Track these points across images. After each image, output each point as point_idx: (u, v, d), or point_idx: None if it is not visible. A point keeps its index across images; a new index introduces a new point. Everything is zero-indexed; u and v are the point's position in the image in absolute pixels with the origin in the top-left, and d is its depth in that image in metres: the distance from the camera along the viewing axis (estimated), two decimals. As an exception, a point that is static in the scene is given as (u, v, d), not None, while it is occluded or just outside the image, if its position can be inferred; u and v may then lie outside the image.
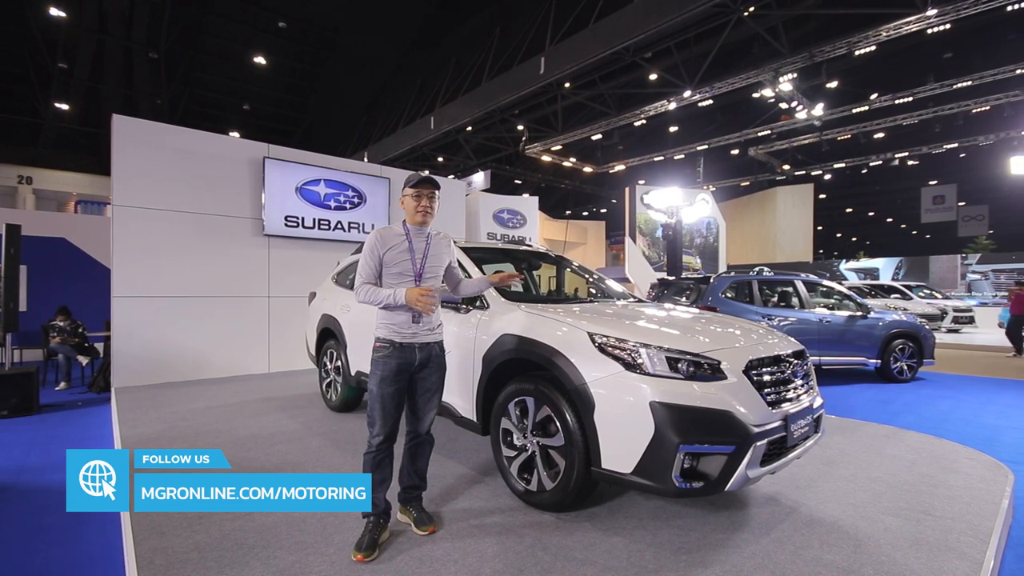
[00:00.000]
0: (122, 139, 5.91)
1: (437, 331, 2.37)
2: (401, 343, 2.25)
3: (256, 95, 24.83)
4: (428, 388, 2.35)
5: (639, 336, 2.30)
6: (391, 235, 2.30)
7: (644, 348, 2.20)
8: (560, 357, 2.35)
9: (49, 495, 2.95)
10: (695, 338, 2.39)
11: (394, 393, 2.23)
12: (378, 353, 2.26)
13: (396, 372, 2.23)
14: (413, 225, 2.33)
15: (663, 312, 3.06)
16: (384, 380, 2.22)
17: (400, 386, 2.25)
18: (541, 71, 15.14)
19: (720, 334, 2.55)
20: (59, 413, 5.25)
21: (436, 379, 2.37)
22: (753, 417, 2.11)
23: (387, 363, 2.23)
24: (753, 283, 6.72)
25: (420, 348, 2.28)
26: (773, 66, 14.10)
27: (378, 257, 2.26)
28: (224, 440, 3.75)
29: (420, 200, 2.29)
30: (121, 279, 5.94)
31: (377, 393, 2.22)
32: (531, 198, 12.09)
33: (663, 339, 2.29)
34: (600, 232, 27.50)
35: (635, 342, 2.24)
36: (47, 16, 17.35)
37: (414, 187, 2.29)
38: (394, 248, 2.27)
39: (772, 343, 2.54)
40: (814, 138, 19.59)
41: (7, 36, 19.22)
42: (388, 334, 2.26)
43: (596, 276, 4.09)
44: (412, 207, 2.31)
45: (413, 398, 2.34)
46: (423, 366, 2.31)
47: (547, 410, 2.42)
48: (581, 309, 2.85)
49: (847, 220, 40.91)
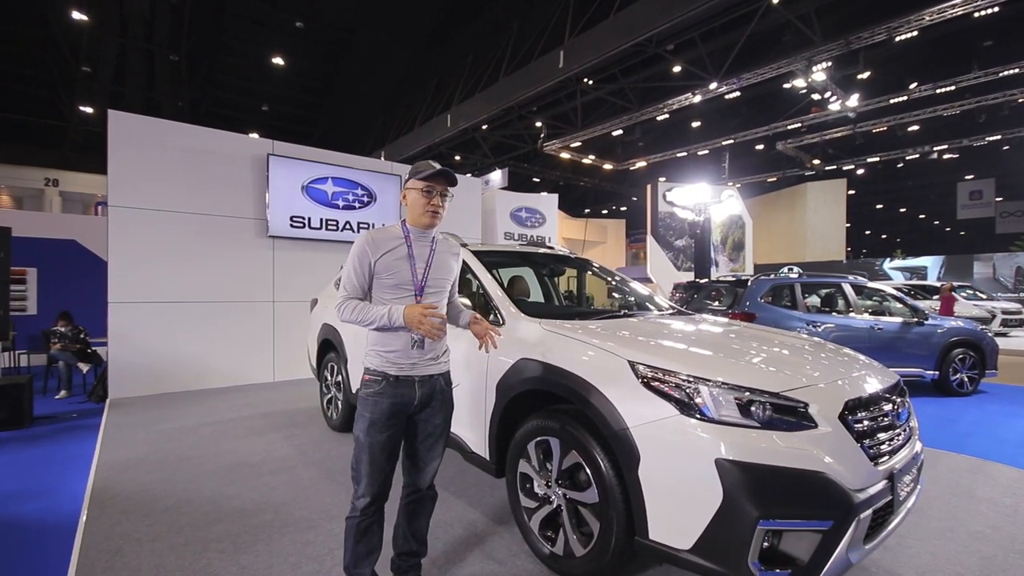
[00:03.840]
0: (118, 136, 5.59)
1: (443, 360, 1.88)
2: (397, 376, 1.76)
3: (275, 96, 24.85)
4: (431, 432, 1.86)
5: (696, 366, 1.78)
6: (386, 237, 1.82)
7: (704, 384, 1.69)
8: (593, 393, 1.85)
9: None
10: (769, 368, 1.86)
11: (386, 441, 1.74)
12: (367, 389, 1.77)
13: (390, 414, 1.75)
14: (416, 227, 1.85)
15: (717, 329, 2.53)
16: (374, 425, 1.73)
17: (394, 432, 1.77)
18: (560, 65, 14.62)
19: (800, 363, 2.01)
20: (51, 426, 4.92)
21: (441, 420, 1.88)
22: (855, 479, 1.59)
23: (378, 403, 1.74)
24: (796, 286, 6.10)
25: (421, 382, 1.80)
26: (806, 54, 13.32)
27: (368, 265, 1.78)
28: (207, 469, 3.34)
29: (431, 198, 1.79)
30: (118, 284, 5.63)
31: (365, 442, 1.74)
32: (550, 196, 11.57)
33: (728, 370, 1.78)
34: (620, 231, 26.88)
35: (690, 374, 1.72)
36: (70, 20, 17.42)
37: (425, 180, 1.78)
38: (390, 254, 1.79)
39: (864, 374, 2.00)
40: (847, 131, 18.64)
41: (32, 40, 19.44)
42: (381, 364, 1.77)
43: (622, 280, 3.57)
44: (419, 205, 1.80)
45: (412, 444, 1.86)
46: (424, 405, 1.82)
47: (576, 456, 1.92)
48: (615, 326, 2.35)
49: (877, 217, 39.39)
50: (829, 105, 16.05)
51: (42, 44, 19.40)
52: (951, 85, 14.71)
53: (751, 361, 1.93)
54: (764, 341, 2.29)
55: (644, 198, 19.29)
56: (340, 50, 23.21)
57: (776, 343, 2.28)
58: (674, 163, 21.75)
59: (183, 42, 20.28)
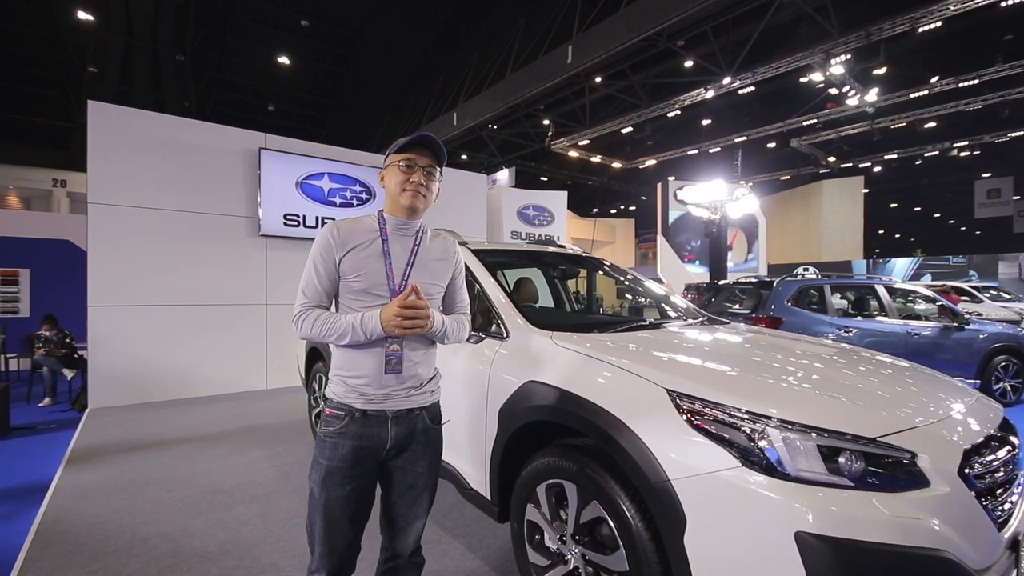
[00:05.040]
0: (98, 127, 5.23)
1: (428, 389, 1.45)
2: (365, 411, 1.35)
3: (281, 96, 24.69)
4: (412, 484, 1.44)
5: (758, 399, 1.36)
6: (356, 230, 1.43)
7: (775, 425, 1.27)
8: (621, 430, 1.44)
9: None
10: (856, 403, 1.43)
11: (348, 498, 1.33)
12: (326, 427, 1.37)
13: (353, 461, 1.34)
14: (394, 216, 1.45)
15: (770, 343, 2.09)
16: (332, 476, 1.33)
17: (360, 485, 1.35)
18: (568, 60, 14.22)
19: (890, 392, 1.57)
20: (27, 439, 4.59)
21: (424, 468, 1.46)
22: (980, 556, 1.17)
23: (338, 446, 1.34)
24: (825, 288, 5.65)
25: (396, 419, 1.38)
26: (824, 47, 12.81)
27: (332, 264, 1.39)
28: (175, 496, 2.96)
29: (411, 173, 1.39)
30: (98, 286, 5.28)
31: (320, 498, 1.33)
32: (559, 193, 11.15)
33: (802, 405, 1.36)
34: (629, 230, 26.45)
35: (752, 411, 1.31)
36: (75, 20, 17.26)
37: (402, 152, 1.39)
38: (359, 250, 1.39)
39: (967, 406, 1.58)
40: (864, 127, 18.08)
41: (38, 40, 19.31)
42: (344, 394, 1.37)
43: (636, 280, 3.14)
44: (396, 183, 1.41)
45: (387, 498, 1.46)
46: (401, 448, 1.41)
47: (598, 508, 1.52)
48: (645, 341, 1.94)
49: (891, 216, 38.60)
50: (846, 100, 15.56)
51: (49, 45, 19.27)
52: (974, 79, 14.16)
53: (828, 391, 1.50)
54: (833, 360, 1.87)
55: (654, 197, 18.84)
56: (346, 49, 22.97)
57: (848, 362, 1.86)
58: (684, 161, 21.28)
59: (188, 42, 20.13)
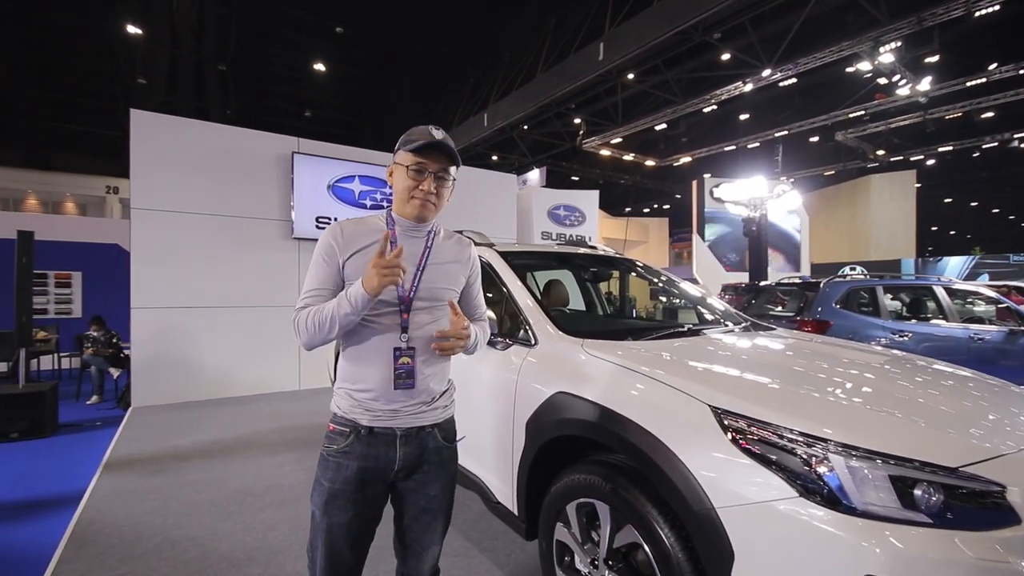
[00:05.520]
0: (140, 135, 5.41)
1: (440, 404, 1.32)
2: (371, 428, 1.24)
3: (317, 102, 25.34)
4: (425, 507, 1.32)
5: (817, 419, 1.21)
6: (362, 231, 1.31)
7: (838, 451, 1.11)
8: (660, 450, 1.31)
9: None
10: (932, 424, 1.26)
11: (352, 523, 1.23)
12: (329, 445, 1.26)
13: (358, 484, 1.23)
14: (404, 217, 1.34)
15: (826, 352, 1.90)
16: (335, 500, 1.22)
17: (365, 509, 1.25)
18: (600, 57, 14.00)
19: (970, 411, 1.39)
20: (72, 436, 4.77)
21: (438, 491, 1.33)
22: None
23: (342, 467, 1.23)
24: (878, 289, 5.30)
25: (406, 438, 1.26)
26: (872, 35, 12.17)
27: (336, 267, 1.27)
28: (206, 498, 2.98)
29: (421, 179, 1.26)
30: (140, 289, 5.46)
31: (321, 522, 1.23)
32: (590, 192, 10.95)
33: (870, 428, 1.20)
34: (662, 230, 25.89)
35: (811, 433, 1.16)
36: (125, 34, 18.16)
37: (415, 153, 1.25)
38: (364, 252, 1.27)
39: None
40: (916, 118, 17.09)
41: (92, 55, 20.39)
42: (349, 408, 1.25)
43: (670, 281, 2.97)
44: (404, 188, 1.29)
45: (400, 521, 1.35)
46: (411, 470, 1.29)
47: (633, 532, 1.40)
48: (684, 351, 1.80)
49: (945, 212, 36.44)
50: (897, 90, 14.75)
51: (102, 58, 20.33)
52: (1038, 64, 13.17)
53: (898, 410, 1.33)
54: (902, 371, 1.68)
55: (688, 195, 18.35)
56: (379, 54, 23.35)
57: (913, 373, 1.67)
58: (721, 158, 20.66)
59: (230, 52, 20.90)
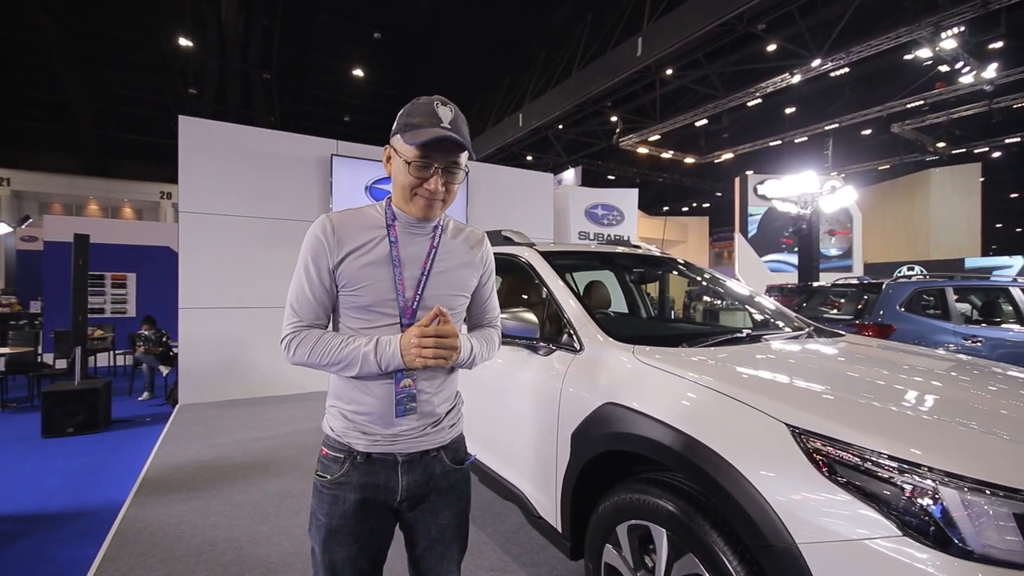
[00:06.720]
0: (189, 141, 5.58)
1: (446, 423, 1.16)
2: (369, 454, 1.09)
3: (356, 107, 25.93)
4: (437, 537, 1.18)
5: (920, 443, 1.04)
6: (354, 226, 1.10)
7: (948, 483, 0.94)
8: (728, 474, 1.16)
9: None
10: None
11: (356, 558, 1.10)
12: (324, 473, 1.12)
13: (359, 518, 1.09)
14: (406, 213, 1.12)
15: (910, 363, 1.69)
16: (334, 536, 1.09)
17: (369, 542, 1.12)
18: (638, 53, 13.68)
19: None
20: (123, 431, 4.96)
21: (450, 519, 1.19)
22: None
23: (339, 499, 1.09)
24: (947, 291, 4.90)
25: (408, 464, 1.11)
26: (933, 20, 11.39)
27: (325, 271, 1.08)
28: (246, 498, 3.00)
29: (425, 175, 1.05)
30: (188, 290, 5.63)
31: (321, 559, 1.11)
32: (629, 190, 10.69)
33: (984, 454, 1.02)
34: (702, 229, 25.14)
35: (915, 462, 0.99)
36: (177, 47, 19.07)
37: (418, 147, 1.02)
38: (359, 254, 1.08)
39: None
40: (981, 107, 15.93)
41: (147, 68, 21.51)
42: (344, 431, 1.10)
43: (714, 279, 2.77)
44: (404, 183, 1.07)
45: (412, 549, 1.21)
46: (417, 499, 1.14)
47: (695, 563, 1.25)
48: (747, 358, 1.64)
49: (1010, 208, 33.91)
50: (959, 78, 13.78)
51: (156, 71, 21.42)
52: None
53: (1006, 433, 1.14)
54: (997, 387, 1.47)
55: (730, 193, 17.73)
56: (415, 58, 23.68)
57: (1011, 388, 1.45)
58: (764, 154, 19.87)
59: (274, 60, 21.64)
